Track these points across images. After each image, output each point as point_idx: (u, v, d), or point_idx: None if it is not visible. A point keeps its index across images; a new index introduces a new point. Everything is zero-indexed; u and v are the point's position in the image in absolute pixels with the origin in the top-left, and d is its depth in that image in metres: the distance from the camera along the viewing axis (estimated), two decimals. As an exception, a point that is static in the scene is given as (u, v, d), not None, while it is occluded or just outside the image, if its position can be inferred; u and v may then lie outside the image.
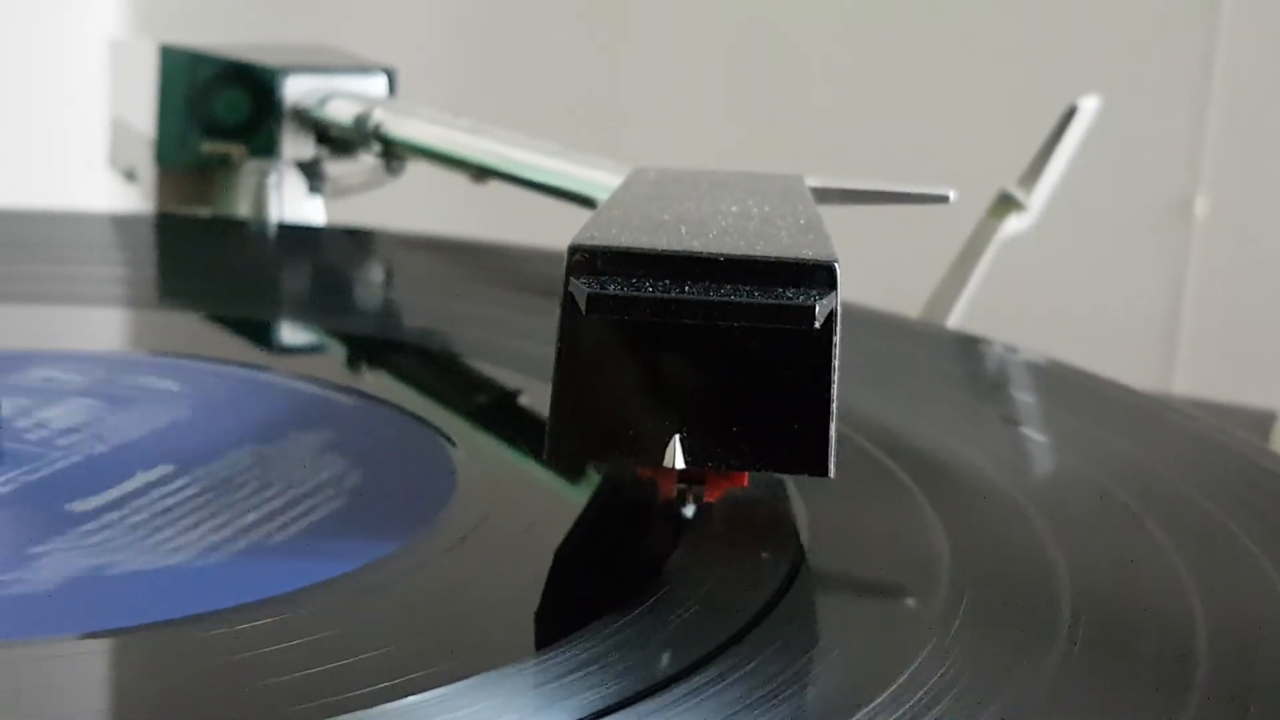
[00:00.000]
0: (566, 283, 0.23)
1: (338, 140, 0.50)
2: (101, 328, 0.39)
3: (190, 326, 0.40)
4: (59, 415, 0.30)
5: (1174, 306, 0.68)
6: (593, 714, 0.20)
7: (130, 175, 0.56)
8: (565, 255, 0.23)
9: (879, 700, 0.20)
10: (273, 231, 0.51)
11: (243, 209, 0.52)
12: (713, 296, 0.23)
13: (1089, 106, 0.45)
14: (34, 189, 0.80)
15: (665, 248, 0.23)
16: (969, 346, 0.41)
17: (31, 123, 0.89)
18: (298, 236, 0.51)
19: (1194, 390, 0.64)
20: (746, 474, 0.25)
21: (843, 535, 0.27)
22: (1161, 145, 0.68)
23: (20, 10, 0.90)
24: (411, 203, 0.58)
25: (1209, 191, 0.67)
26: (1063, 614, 0.23)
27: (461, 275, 0.47)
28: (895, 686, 0.21)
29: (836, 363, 0.23)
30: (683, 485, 0.25)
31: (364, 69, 0.52)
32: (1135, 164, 0.68)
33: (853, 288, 0.45)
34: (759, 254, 0.23)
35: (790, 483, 0.28)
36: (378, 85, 0.52)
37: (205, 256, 0.48)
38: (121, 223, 0.52)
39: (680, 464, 0.23)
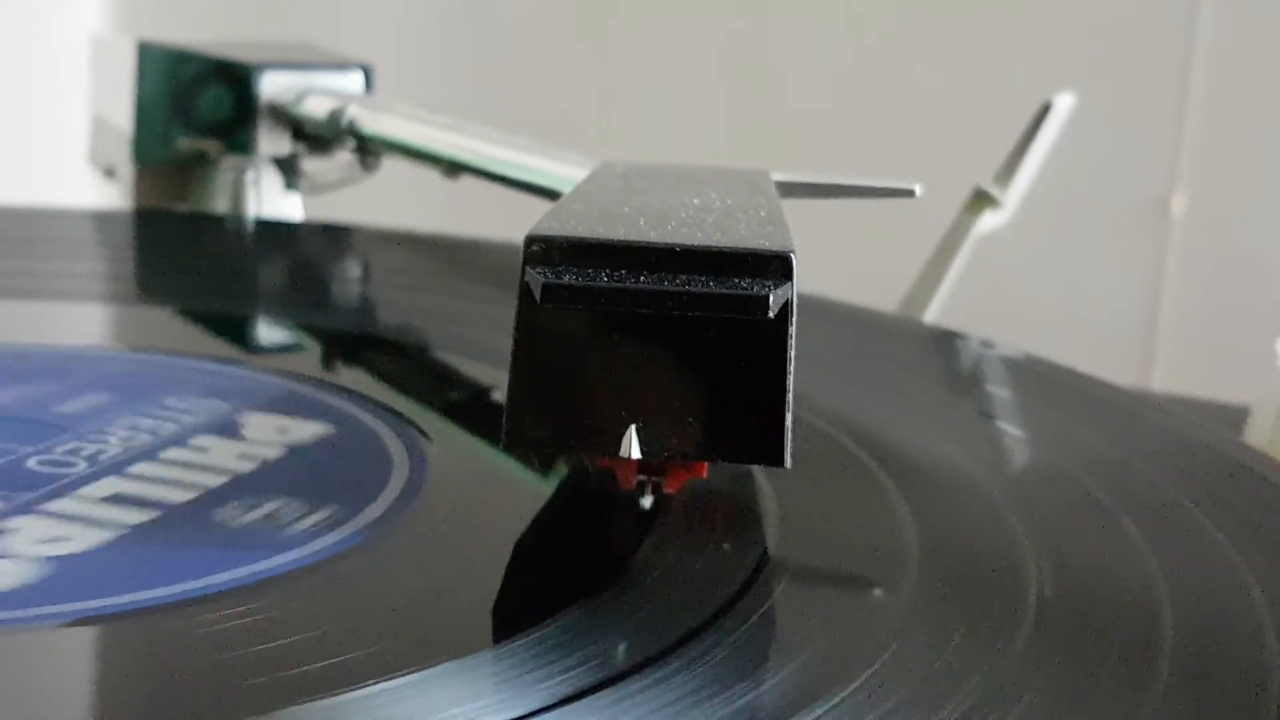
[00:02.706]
0: (523, 273, 0.23)
1: (314, 137, 0.50)
2: (80, 323, 0.39)
3: (167, 322, 0.40)
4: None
5: (1151, 303, 0.69)
6: (556, 703, 0.20)
7: (109, 172, 0.56)
8: (521, 245, 0.23)
9: (846, 690, 0.20)
10: (250, 227, 0.51)
11: (220, 205, 0.52)
12: (667, 286, 0.23)
13: (1064, 103, 0.45)
14: (14, 185, 0.80)
15: (621, 238, 0.23)
16: (946, 341, 0.41)
17: (12, 119, 0.89)
18: (275, 232, 0.51)
19: (1171, 385, 0.64)
20: (705, 465, 0.25)
21: (814, 528, 0.27)
22: (1139, 142, 0.68)
23: (4, 5, 0.90)
24: (390, 198, 0.58)
25: (1187, 189, 0.67)
26: (1031, 606, 0.24)
27: (440, 270, 0.47)
28: (862, 676, 0.21)
29: (793, 353, 0.23)
30: (642, 476, 0.25)
31: (341, 66, 0.52)
32: (1113, 161, 0.68)
33: (830, 282, 0.46)
34: (715, 244, 0.23)
35: (762, 475, 0.28)
36: (355, 82, 0.52)
37: (183, 252, 0.48)
38: (99, 219, 0.52)
39: (636, 454, 0.23)
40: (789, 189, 0.35)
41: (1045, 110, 0.45)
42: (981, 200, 0.45)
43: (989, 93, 0.71)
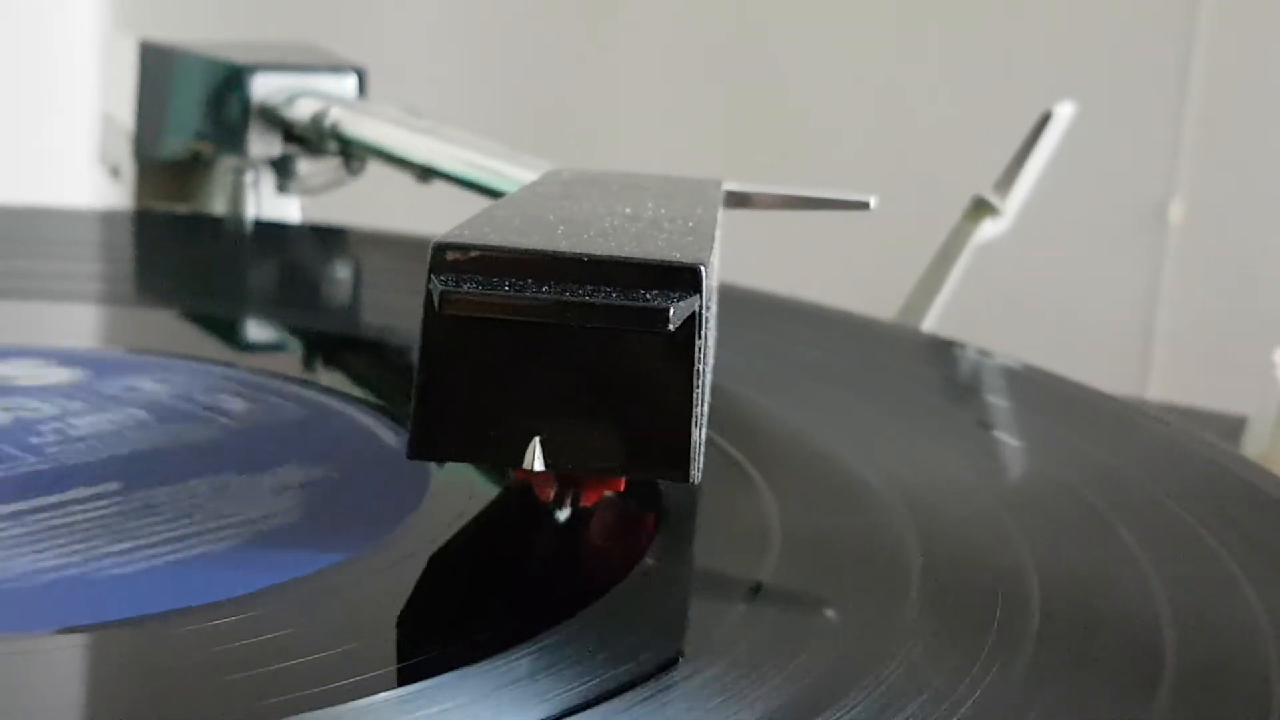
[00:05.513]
0: (428, 279, 0.23)
1: (305, 139, 0.50)
2: (80, 324, 0.39)
3: (166, 323, 0.39)
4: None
5: (1148, 311, 0.69)
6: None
7: (115, 171, 0.56)
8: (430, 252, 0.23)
9: (844, 704, 0.20)
10: (246, 229, 0.50)
11: (219, 206, 0.52)
12: (569, 297, 0.22)
13: (1064, 113, 0.45)
14: (19, 185, 0.80)
15: (527, 246, 0.23)
16: (944, 350, 0.41)
17: (10, 118, 0.89)
18: (271, 234, 0.50)
19: (1168, 395, 0.64)
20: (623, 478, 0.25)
21: (811, 540, 0.27)
22: (1137, 151, 0.68)
23: (4, 6, 0.90)
24: (388, 200, 0.58)
25: (1184, 197, 0.68)
26: (1032, 618, 0.24)
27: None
28: (862, 691, 0.21)
29: (700, 366, 0.23)
30: (559, 488, 0.25)
31: (335, 68, 0.52)
32: (1111, 170, 0.68)
33: (828, 290, 0.45)
34: (622, 254, 0.23)
35: (764, 486, 0.28)
36: (348, 84, 0.51)
37: (180, 253, 0.48)
38: (100, 218, 0.52)
39: (539, 466, 0.22)
40: (742, 199, 0.34)
41: (1046, 119, 0.45)
42: (981, 209, 0.45)
43: (987, 100, 0.71)
